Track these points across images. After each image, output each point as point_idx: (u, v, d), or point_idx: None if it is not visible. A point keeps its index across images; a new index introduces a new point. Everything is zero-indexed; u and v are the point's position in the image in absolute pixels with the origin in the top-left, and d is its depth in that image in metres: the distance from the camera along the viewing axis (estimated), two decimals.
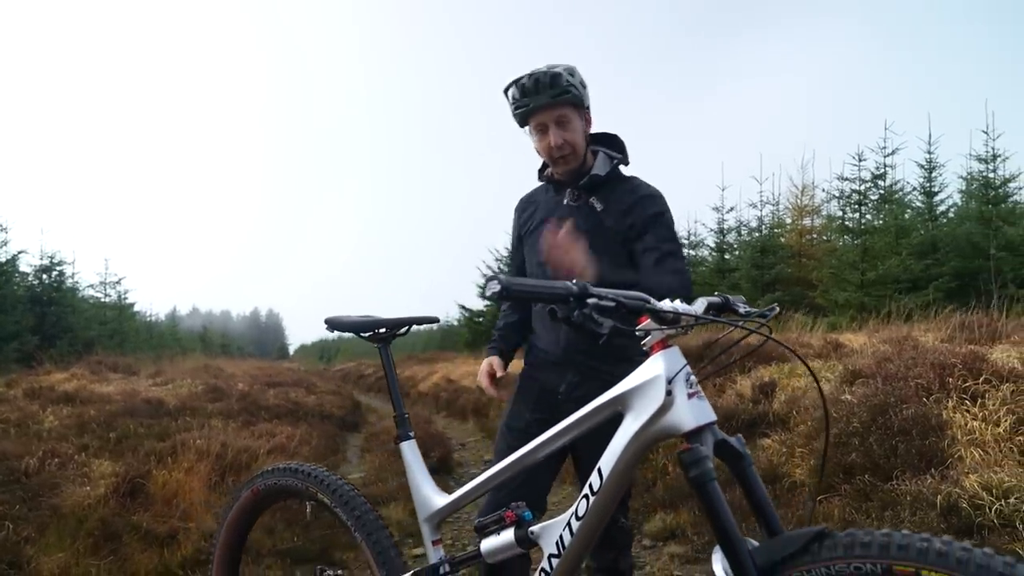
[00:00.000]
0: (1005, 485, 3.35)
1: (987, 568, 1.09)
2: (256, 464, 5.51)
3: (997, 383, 4.24)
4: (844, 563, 1.21)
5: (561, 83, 2.27)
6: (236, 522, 2.25)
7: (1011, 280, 11.70)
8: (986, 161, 13.61)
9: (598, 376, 2.28)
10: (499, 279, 1.33)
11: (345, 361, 39.37)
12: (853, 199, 15.01)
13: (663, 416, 1.39)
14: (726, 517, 1.32)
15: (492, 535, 1.67)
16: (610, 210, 2.38)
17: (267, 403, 8.94)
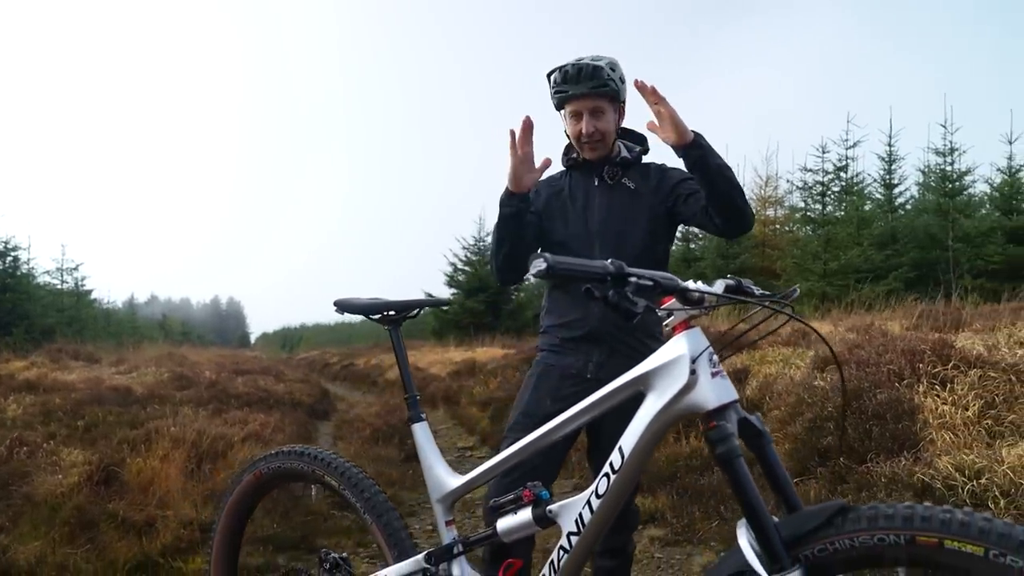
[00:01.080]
0: (976, 466, 3.48)
1: (1008, 536, 1.14)
2: (232, 452, 5.45)
3: (965, 369, 4.39)
4: (868, 535, 1.25)
5: (602, 76, 2.36)
6: (237, 506, 2.24)
7: (967, 271, 12.07)
8: (944, 154, 14.01)
9: (625, 352, 2.37)
10: (544, 257, 1.35)
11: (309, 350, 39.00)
12: (816, 190, 15.32)
13: (687, 395, 1.42)
14: (753, 492, 1.35)
15: (509, 514, 1.68)
16: (642, 189, 2.49)
17: (236, 391, 8.83)
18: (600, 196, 2.51)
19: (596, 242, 2.45)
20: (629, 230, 2.45)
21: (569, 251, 2.46)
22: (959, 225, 12.94)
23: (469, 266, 22.06)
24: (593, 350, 2.42)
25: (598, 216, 2.48)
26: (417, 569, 1.80)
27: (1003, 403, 4.05)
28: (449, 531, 1.84)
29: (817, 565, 1.30)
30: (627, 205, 2.48)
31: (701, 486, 4.58)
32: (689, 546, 4.16)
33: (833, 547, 1.28)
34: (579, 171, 2.58)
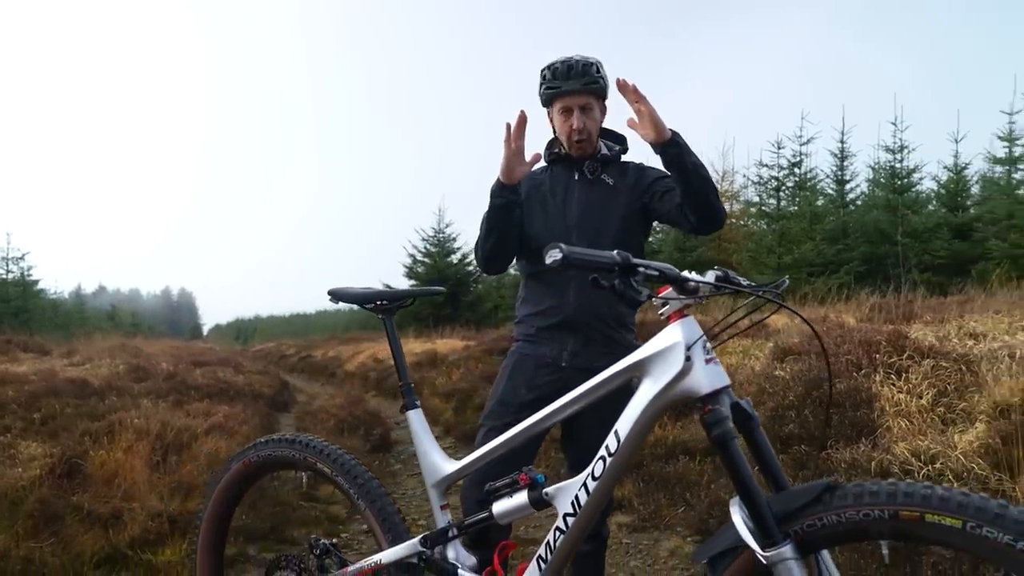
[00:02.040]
0: (931, 451, 3.63)
1: (984, 509, 1.23)
2: (197, 443, 5.40)
3: (919, 359, 4.57)
4: (854, 511, 1.33)
5: (592, 73, 2.45)
6: (224, 495, 2.24)
7: (915, 265, 12.46)
8: (893, 152, 14.41)
9: (600, 341, 2.47)
10: (560, 247, 1.41)
11: (264, 341, 38.45)
12: (771, 185, 15.61)
13: (682, 380, 1.49)
14: (746, 472, 1.42)
15: (504, 498, 1.74)
16: (620, 186, 2.57)
17: (196, 383, 8.70)
18: (580, 190, 2.57)
19: (573, 234, 2.51)
20: (606, 224, 2.52)
21: (546, 242, 2.52)
22: (907, 221, 13.33)
23: (428, 258, 21.97)
24: (568, 338, 2.48)
25: (576, 210, 2.55)
26: (413, 552, 1.84)
27: (954, 391, 4.22)
28: (444, 515, 1.89)
29: (806, 540, 1.38)
30: (605, 200, 2.55)
31: (667, 473, 4.69)
32: (656, 532, 4.27)
33: (821, 522, 1.36)
34: (560, 165, 2.64)
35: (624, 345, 2.52)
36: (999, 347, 4.69)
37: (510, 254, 2.56)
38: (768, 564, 1.36)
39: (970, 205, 14.02)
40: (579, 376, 2.38)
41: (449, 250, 22.11)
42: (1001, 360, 4.41)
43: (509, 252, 2.54)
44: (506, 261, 2.57)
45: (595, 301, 2.46)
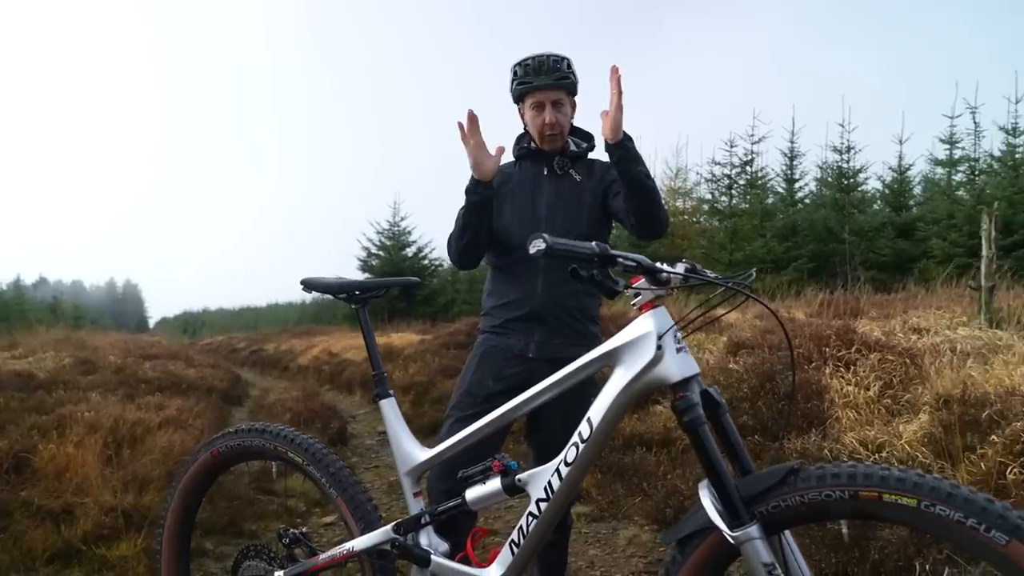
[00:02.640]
0: (878, 441, 3.78)
1: (937, 489, 1.31)
2: (151, 437, 5.30)
3: (866, 352, 4.73)
4: (816, 492, 1.40)
5: (563, 69, 2.51)
6: (191, 486, 2.23)
7: (860, 263, 12.83)
8: (841, 152, 14.80)
9: (566, 332, 2.52)
10: (543, 237, 1.44)
11: (213, 335, 37.71)
12: (723, 183, 15.91)
13: (654, 368, 1.54)
14: (716, 456, 1.48)
15: (477, 484, 1.77)
16: (586, 182, 2.63)
17: (146, 376, 8.53)
18: (548, 185, 2.62)
19: (543, 225, 2.55)
20: (574, 219, 2.57)
21: (515, 236, 2.57)
22: (854, 220, 13.72)
23: (383, 251, 21.83)
24: (535, 330, 2.53)
25: (545, 204, 2.60)
26: (386, 539, 1.87)
27: (900, 384, 4.39)
28: (417, 502, 1.91)
29: (772, 520, 1.44)
30: (573, 195, 2.61)
31: (624, 464, 4.78)
32: (614, 521, 4.35)
33: (786, 503, 1.43)
34: (529, 160, 2.69)
35: (589, 336, 2.58)
36: (941, 341, 4.88)
37: (483, 249, 2.60)
38: (736, 544, 1.42)
39: (913, 205, 14.49)
40: (546, 367, 2.43)
41: (404, 243, 22.01)
42: (943, 354, 4.59)
43: (482, 247, 2.58)
44: (479, 256, 2.61)
45: (562, 294, 2.52)
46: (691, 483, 4.24)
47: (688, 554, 1.52)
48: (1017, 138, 12.82)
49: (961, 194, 13.37)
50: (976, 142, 13.70)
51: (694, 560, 1.51)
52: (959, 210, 11.97)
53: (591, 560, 3.80)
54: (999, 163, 13.20)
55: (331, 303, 30.73)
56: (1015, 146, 12.86)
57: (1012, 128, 12.71)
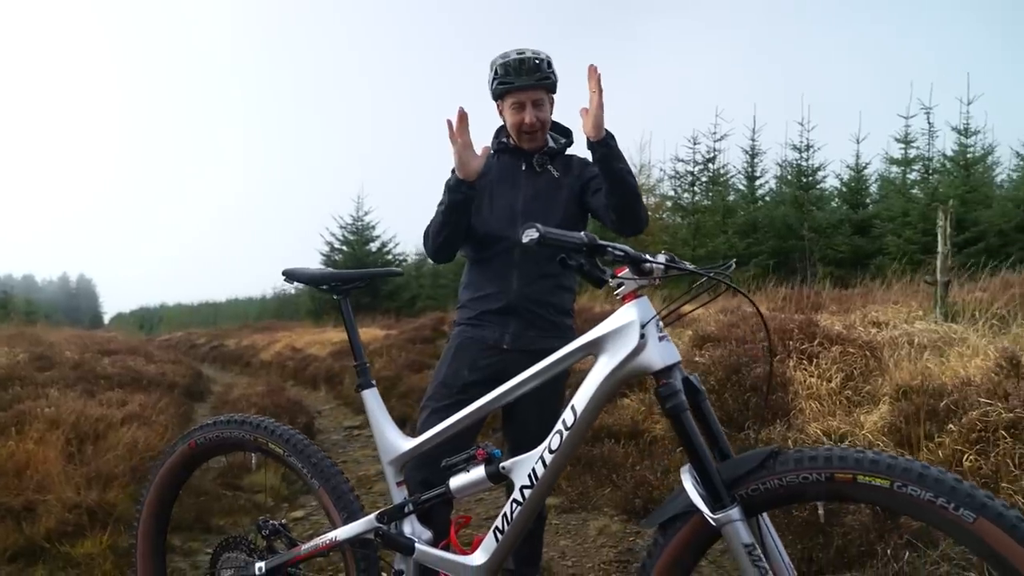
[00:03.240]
0: (840, 431, 3.89)
1: (909, 470, 1.37)
2: (114, 433, 5.21)
3: (828, 345, 4.85)
4: (795, 474, 1.45)
5: (544, 68, 2.53)
6: (168, 479, 2.21)
7: (819, 259, 13.10)
8: (800, 150, 15.08)
9: (540, 325, 2.56)
10: (536, 227, 1.47)
11: (171, 330, 37.01)
12: (687, 180, 16.09)
13: (637, 357, 1.58)
14: (698, 441, 1.52)
15: (461, 472, 1.79)
16: (564, 178, 2.67)
17: (105, 372, 8.37)
18: (526, 180, 2.66)
19: (519, 223, 2.56)
20: (551, 214, 2.60)
21: (492, 231, 2.60)
22: (812, 217, 14.00)
23: (347, 245, 21.67)
24: (510, 322, 2.56)
25: (523, 199, 2.63)
26: (369, 528, 1.88)
27: (860, 375, 4.52)
28: (400, 491, 1.93)
29: (752, 502, 1.49)
30: (550, 191, 2.64)
31: (593, 456, 4.83)
32: (584, 512, 4.40)
33: (765, 486, 1.48)
34: (507, 155, 2.71)
35: (563, 329, 2.62)
36: (899, 335, 5.03)
37: (459, 244, 2.63)
38: (717, 526, 1.47)
39: (869, 203, 14.81)
40: (520, 358, 2.47)
41: (368, 238, 21.88)
42: (901, 346, 4.73)
43: (459, 243, 2.62)
44: (455, 251, 2.65)
45: (537, 288, 2.56)
46: (659, 474, 4.31)
47: (670, 537, 1.56)
48: (969, 138, 13.21)
49: (915, 192, 13.73)
50: (930, 142, 14.08)
51: (676, 542, 1.56)
52: (913, 208, 12.29)
53: (562, 551, 3.84)
54: (952, 162, 13.58)
55: (293, 298, 30.41)
56: (967, 146, 13.25)
57: (964, 128, 13.08)
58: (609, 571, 3.52)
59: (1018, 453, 3.08)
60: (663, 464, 4.42)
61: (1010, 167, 15.86)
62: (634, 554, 3.70)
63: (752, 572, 1.44)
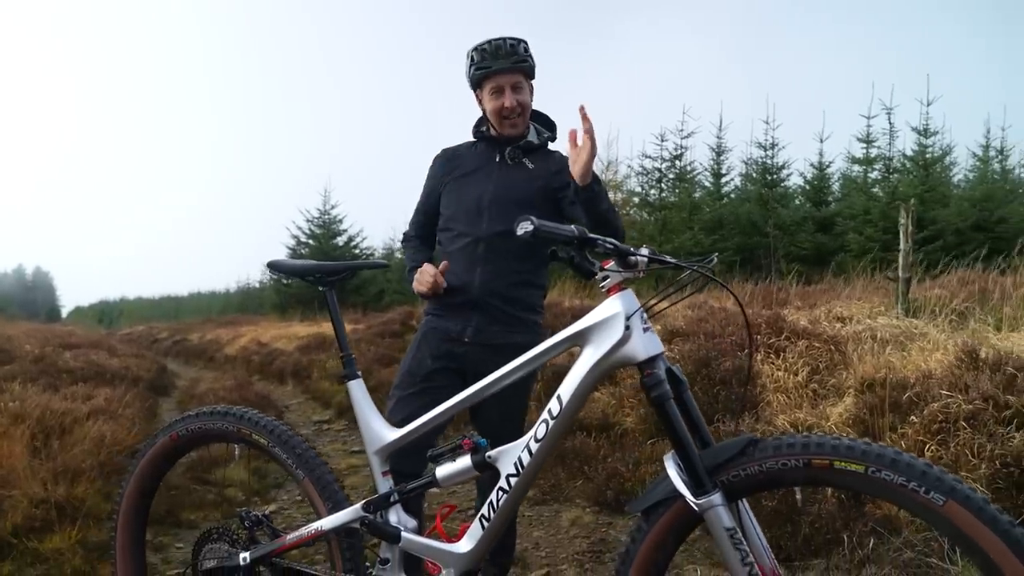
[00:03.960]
0: (807, 423, 3.99)
1: (883, 456, 1.43)
2: (80, 427, 5.14)
3: (795, 340, 4.97)
4: (774, 461, 1.51)
5: (521, 52, 2.53)
6: (148, 470, 2.20)
7: (783, 256, 13.33)
8: (765, 148, 15.31)
9: (504, 320, 2.57)
10: (531, 219, 1.50)
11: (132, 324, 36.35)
12: (653, 176, 16.23)
13: (622, 348, 1.62)
14: (681, 429, 1.57)
15: (447, 462, 1.82)
16: (540, 171, 2.64)
17: (67, 366, 8.23)
18: (498, 172, 2.65)
19: (485, 215, 2.58)
20: (519, 208, 2.51)
21: (458, 226, 2.62)
22: (777, 214, 14.22)
23: (313, 239, 21.49)
24: (473, 316, 2.57)
25: (492, 192, 2.61)
26: (355, 518, 1.89)
27: (825, 369, 4.64)
28: (385, 480, 1.95)
29: (733, 488, 1.54)
30: (522, 184, 2.63)
31: (565, 449, 4.88)
32: (557, 504, 4.45)
33: (746, 472, 1.53)
34: (485, 144, 2.71)
35: (529, 324, 2.63)
36: (863, 329, 5.16)
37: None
38: (700, 511, 1.51)
39: (831, 201, 15.10)
40: (480, 352, 2.52)
41: (335, 232, 21.72)
42: (865, 341, 4.86)
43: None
44: None
45: (501, 284, 2.56)
46: (630, 466, 4.38)
47: (653, 522, 1.61)
48: (928, 138, 13.53)
49: (876, 191, 14.02)
50: (891, 141, 14.36)
51: (659, 528, 1.60)
52: (875, 206, 12.56)
53: (536, 542, 3.89)
54: (911, 162, 13.89)
55: (257, 292, 30.06)
56: (926, 146, 13.57)
57: (924, 129, 13.40)
58: (583, 561, 3.58)
59: (977, 443, 3.19)
60: (634, 456, 4.49)
61: (967, 167, 16.32)
62: (607, 544, 3.76)
63: (733, 555, 1.49)
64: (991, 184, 14.11)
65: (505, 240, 2.52)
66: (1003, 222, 11.94)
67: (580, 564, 3.54)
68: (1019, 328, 4.83)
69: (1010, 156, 15.81)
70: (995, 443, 3.12)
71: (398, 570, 1.91)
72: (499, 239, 2.54)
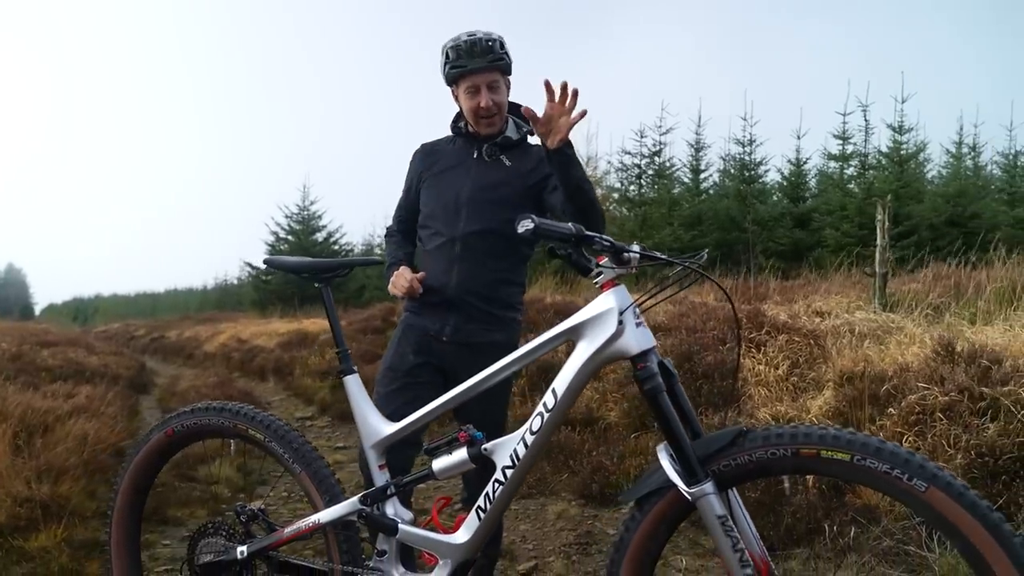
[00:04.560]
0: (788, 415, 4.07)
1: (867, 445, 1.49)
2: (62, 426, 5.11)
3: (775, 334, 5.05)
4: (763, 451, 1.56)
5: (497, 50, 2.47)
6: (143, 467, 2.21)
7: (761, 251, 13.48)
8: (743, 145, 15.47)
9: (481, 319, 2.56)
10: (532, 218, 1.54)
11: (107, 322, 35.93)
12: (633, 172, 16.33)
13: (615, 342, 1.66)
14: (674, 420, 1.62)
15: (444, 455, 1.85)
16: (518, 168, 2.61)
17: (46, 364, 8.15)
18: (476, 170, 2.62)
19: (463, 213, 2.57)
20: (497, 208, 2.56)
21: (436, 224, 2.63)
22: (755, 210, 14.38)
23: (292, 235, 21.38)
24: (450, 315, 2.56)
25: (469, 190, 2.59)
26: (353, 511, 1.93)
27: (805, 363, 4.72)
28: (382, 474, 1.98)
29: (723, 477, 1.59)
30: (500, 181, 2.60)
31: (551, 443, 4.93)
32: (542, 498, 4.50)
33: (736, 462, 1.58)
34: (463, 140, 2.68)
35: (507, 322, 2.63)
36: (841, 323, 5.26)
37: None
38: (692, 500, 1.56)
39: (808, 197, 15.29)
40: (459, 351, 2.54)
41: (314, 228, 21.64)
42: (843, 335, 4.96)
43: None
44: None
45: (478, 284, 2.55)
46: (615, 459, 4.44)
47: (647, 511, 1.66)
48: (903, 135, 13.74)
49: (852, 187, 14.22)
50: (866, 138, 14.57)
51: (652, 516, 1.65)
52: (851, 202, 12.74)
53: (523, 535, 3.93)
54: (887, 158, 14.11)
55: (236, 289, 29.87)
56: (901, 143, 13.78)
57: (899, 126, 13.60)
58: (569, 553, 3.63)
59: (953, 434, 3.28)
60: (618, 450, 4.55)
61: (940, 163, 16.58)
62: (593, 536, 3.81)
63: (725, 541, 1.54)
64: (964, 180, 14.37)
65: (482, 239, 2.52)
66: (976, 217, 12.17)
67: (567, 556, 3.59)
68: (993, 322, 4.95)
69: (983, 153, 16.15)
70: (970, 434, 3.21)
71: (395, 562, 1.94)
72: (476, 238, 2.53)
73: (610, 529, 3.88)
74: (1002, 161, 15.96)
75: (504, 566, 3.49)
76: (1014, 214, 12.70)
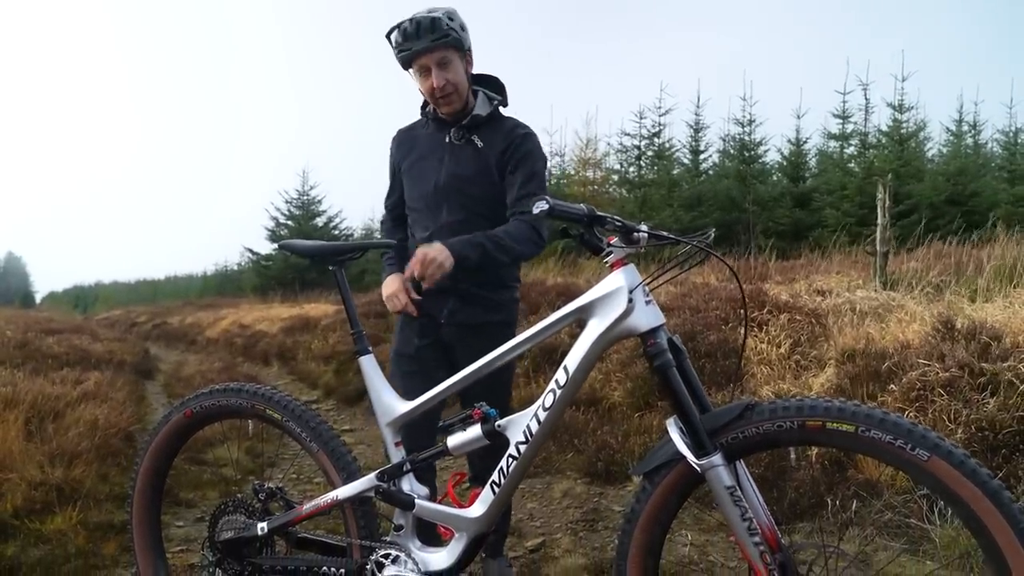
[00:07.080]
0: (791, 393, 4.12)
1: (871, 416, 1.53)
2: (72, 411, 5.17)
3: (776, 313, 5.10)
4: (770, 423, 1.61)
5: (441, 27, 2.36)
6: (163, 447, 2.27)
7: (761, 231, 13.51)
8: (743, 125, 15.47)
9: (478, 301, 2.58)
10: (547, 199, 1.58)
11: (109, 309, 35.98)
12: (632, 154, 16.33)
13: (625, 320, 1.70)
14: (683, 394, 1.66)
15: (458, 432, 1.90)
16: (491, 148, 2.55)
17: (52, 351, 8.21)
18: (449, 154, 2.57)
19: (443, 201, 2.56)
20: (476, 189, 2.54)
21: (418, 214, 2.63)
22: (755, 190, 14.41)
23: (292, 220, 21.39)
24: (447, 300, 2.57)
25: (444, 176, 2.56)
26: (370, 487, 1.98)
27: (807, 341, 4.77)
28: (398, 451, 2.03)
29: (732, 450, 1.64)
30: (473, 164, 2.55)
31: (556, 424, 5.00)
32: (548, 476, 4.57)
33: (744, 434, 1.63)
34: (435, 124, 2.63)
35: (502, 303, 2.64)
36: (842, 302, 5.31)
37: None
38: (701, 471, 1.61)
39: (808, 177, 15.32)
40: (457, 332, 2.58)
41: (314, 213, 21.64)
42: (844, 313, 5.01)
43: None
44: None
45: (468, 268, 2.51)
46: (619, 438, 4.50)
47: (657, 483, 1.71)
48: (903, 114, 13.75)
49: (852, 166, 14.24)
50: (866, 117, 14.59)
51: (662, 488, 1.70)
52: (851, 182, 12.76)
53: (530, 513, 4.00)
54: (887, 137, 14.13)
55: (236, 275, 29.91)
56: (901, 121, 13.77)
57: (899, 104, 13.62)
58: (576, 530, 3.69)
59: (953, 409, 3.33)
60: (623, 428, 4.61)
61: (940, 142, 16.59)
62: (599, 513, 3.88)
63: (734, 511, 1.59)
64: (964, 159, 14.39)
65: (465, 227, 2.48)
66: (976, 196, 12.20)
67: (574, 532, 3.66)
68: (993, 299, 4.99)
69: (982, 131, 16.15)
70: (971, 409, 3.27)
71: (412, 536, 1.99)
72: (459, 226, 2.49)
73: (615, 506, 3.95)
74: (1002, 139, 15.99)
75: (512, 543, 3.56)
76: (1014, 192, 12.72)
